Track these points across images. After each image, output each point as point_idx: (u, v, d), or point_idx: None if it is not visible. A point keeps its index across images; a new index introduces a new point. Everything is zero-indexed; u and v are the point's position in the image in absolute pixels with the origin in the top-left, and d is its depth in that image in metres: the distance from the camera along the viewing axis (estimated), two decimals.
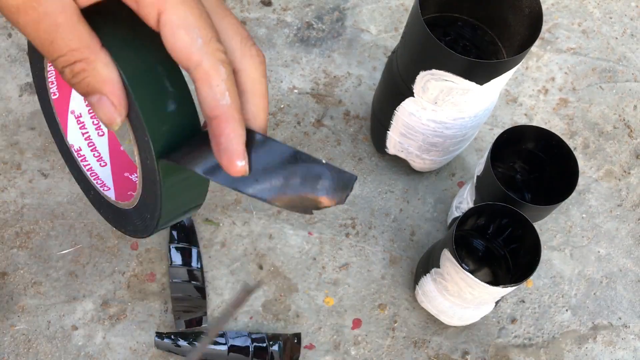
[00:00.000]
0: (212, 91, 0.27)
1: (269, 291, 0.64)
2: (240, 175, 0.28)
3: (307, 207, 0.28)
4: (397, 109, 0.58)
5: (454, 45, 0.59)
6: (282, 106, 0.71)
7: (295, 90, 0.72)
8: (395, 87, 0.58)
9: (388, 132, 0.62)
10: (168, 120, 0.29)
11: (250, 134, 0.28)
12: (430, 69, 0.51)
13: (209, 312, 0.62)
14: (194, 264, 0.63)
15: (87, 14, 0.27)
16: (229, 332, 0.59)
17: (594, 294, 0.67)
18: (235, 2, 0.76)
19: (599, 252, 0.68)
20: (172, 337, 0.58)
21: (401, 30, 0.76)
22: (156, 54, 0.28)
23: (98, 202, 0.41)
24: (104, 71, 0.27)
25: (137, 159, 0.31)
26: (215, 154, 0.28)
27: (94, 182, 0.41)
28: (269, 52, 0.74)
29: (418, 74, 0.53)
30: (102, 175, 0.41)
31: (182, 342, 0.58)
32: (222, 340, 0.59)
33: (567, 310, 0.66)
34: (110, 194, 0.40)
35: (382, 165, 0.70)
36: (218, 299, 0.63)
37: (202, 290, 0.61)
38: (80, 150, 0.41)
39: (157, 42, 0.27)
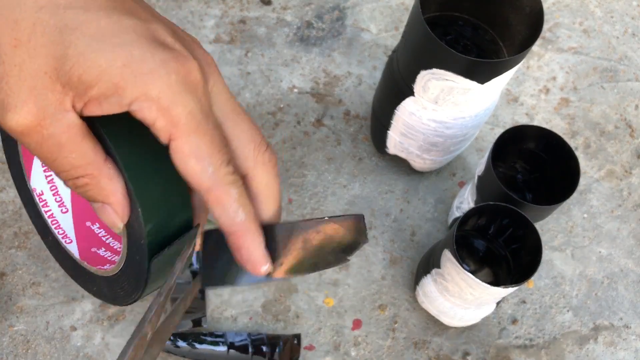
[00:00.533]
0: (225, 212, 0.29)
1: (268, 292, 0.63)
2: (265, 274, 0.30)
3: (339, 259, 0.30)
4: (397, 108, 0.58)
5: (455, 45, 0.58)
6: (281, 106, 0.71)
7: (295, 90, 0.72)
8: (396, 87, 0.57)
9: (388, 131, 0.62)
10: (167, 226, 0.29)
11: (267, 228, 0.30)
12: (430, 68, 0.51)
13: (208, 313, 0.62)
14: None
15: (96, 118, 0.27)
16: (229, 332, 0.59)
17: (595, 294, 0.66)
18: (234, 1, 0.76)
19: (600, 252, 0.68)
20: (172, 337, 0.57)
21: (401, 30, 0.76)
22: (163, 165, 0.28)
23: (56, 249, 0.38)
24: (107, 185, 0.28)
25: (124, 247, 0.31)
26: (239, 263, 0.30)
27: (54, 229, 0.37)
28: (268, 52, 0.74)
29: (419, 73, 0.53)
30: (64, 224, 0.38)
31: (181, 343, 0.58)
32: (221, 340, 0.58)
33: (568, 310, 0.65)
34: (73, 249, 0.36)
35: (383, 165, 0.70)
36: (217, 299, 0.62)
37: (201, 291, 0.61)
38: (42, 194, 0.38)
39: (165, 153, 0.27)
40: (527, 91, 0.75)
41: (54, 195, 0.38)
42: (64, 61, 0.25)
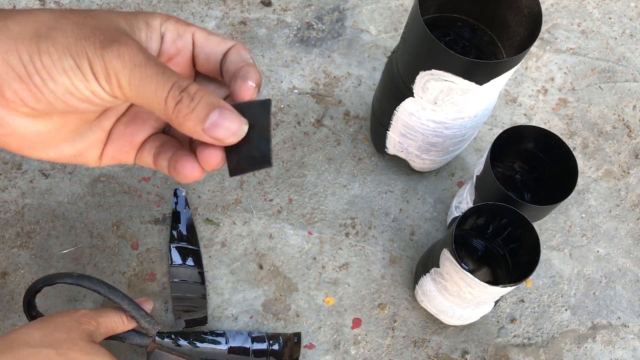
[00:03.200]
0: (241, 55, 0.37)
1: (269, 291, 0.64)
2: (250, 94, 0.36)
3: None
4: (396, 109, 0.58)
5: (454, 46, 0.59)
6: (282, 106, 0.71)
7: (295, 91, 0.72)
8: (395, 87, 0.58)
9: (388, 132, 0.62)
10: None
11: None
12: (430, 69, 0.51)
13: (209, 312, 0.62)
14: (194, 263, 0.63)
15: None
16: (229, 331, 0.60)
17: (593, 293, 0.67)
18: (235, 2, 0.76)
19: (598, 251, 0.69)
20: (173, 336, 0.58)
21: (401, 31, 0.76)
22: None
23: None
24: (211, 92, 0.34)
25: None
26: (239, 86, 0.36)
27: None
28: (269, 53, 0.74)
29: (418, 74, 0.53)
30: None
31: (182, 342, 0.58)
32: (222, 340, 0.59)
33: (566, 309, 0.66)
34: None
35: (382, 165, 0.70)
36: (218, 298, 0.63)
37: (202, 290, 0.62)
38: None
39: None
40: (526, 92, 0.75)
41: None
42: None
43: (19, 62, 0.31)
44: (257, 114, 0.34)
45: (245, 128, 0.33)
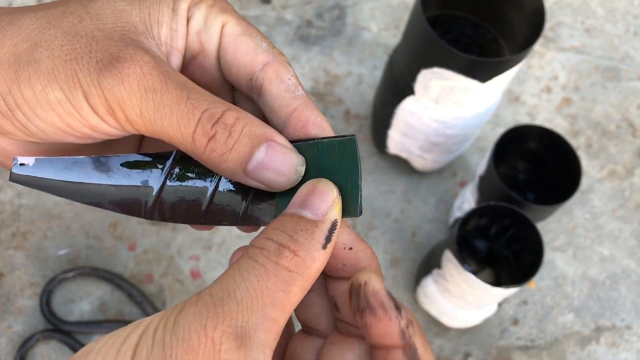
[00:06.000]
0: (285, 84, 0.26)
1: None
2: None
3: None
4: (398, 107, 0.58)
5: (456, 44, 0.58)
6: None
7: None
8: (396, 86, 0.57)
9: (389, 131, 0.62)
10: None
11: None
12: (431, 67, 0.51)
13: None
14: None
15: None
16: None
17: (597, 295, 0.66)
18: (234, 0, 0.76)
19: (602, 253, 0.68)
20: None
21: (402, 29, 0.75)
22: None
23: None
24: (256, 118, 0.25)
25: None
26: (304, 134, 0.27)
27: None
28: None
29: (419, 72, 0.52)
30: None
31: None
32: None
33: (570, 311, 0.65)
34: None
35: (383, 165, 0.69)
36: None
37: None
38: None
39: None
40: (529, 90, 0.74)
41: None
42: None
43: None
44: (334, 153, 0.25)
45: (300, 170, 0.25)
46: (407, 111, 0.57)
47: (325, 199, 0.24)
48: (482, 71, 0.49)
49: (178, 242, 0.64)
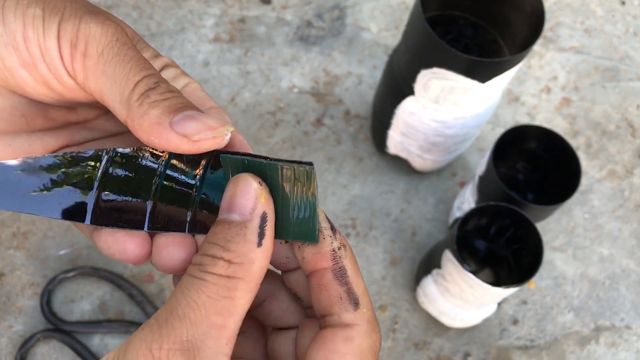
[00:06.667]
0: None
1: None
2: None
3: None
4: (397, 108, 0.58)
5: (456, 44, 0.58)
6: (281, 105, 0.71)
7: (295, 89, 0.72)
8: (396, 86, 0.57)
9: (389, 131, 0.62)
10: None
11: None
12: (431, 67, 0.51)
13: None
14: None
15: None
16: None
17: (597, 295, 0.66)
18: (234, 0, 0.76)
19: (601, 252, 0.68)
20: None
21: (402, 29, 0.75)
22: None
23: None
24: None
25: None
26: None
27: None
28: (268, 51, 0.73)
29: (419, 72, 0.52)
30: None
31: None
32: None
33: (569, 311, 0.65)
34: None
35: (383, 165, 0.69)
36: None
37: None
38: None
39: None
40: (529, 91, 0.75)
41: None
42: None
43: None
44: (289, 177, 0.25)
45: (230, 129, 0.25)
46: (407, 111, 0.57)
47: (248, 196, 0.24)
48: (481, 71, 0.49)
49: None
